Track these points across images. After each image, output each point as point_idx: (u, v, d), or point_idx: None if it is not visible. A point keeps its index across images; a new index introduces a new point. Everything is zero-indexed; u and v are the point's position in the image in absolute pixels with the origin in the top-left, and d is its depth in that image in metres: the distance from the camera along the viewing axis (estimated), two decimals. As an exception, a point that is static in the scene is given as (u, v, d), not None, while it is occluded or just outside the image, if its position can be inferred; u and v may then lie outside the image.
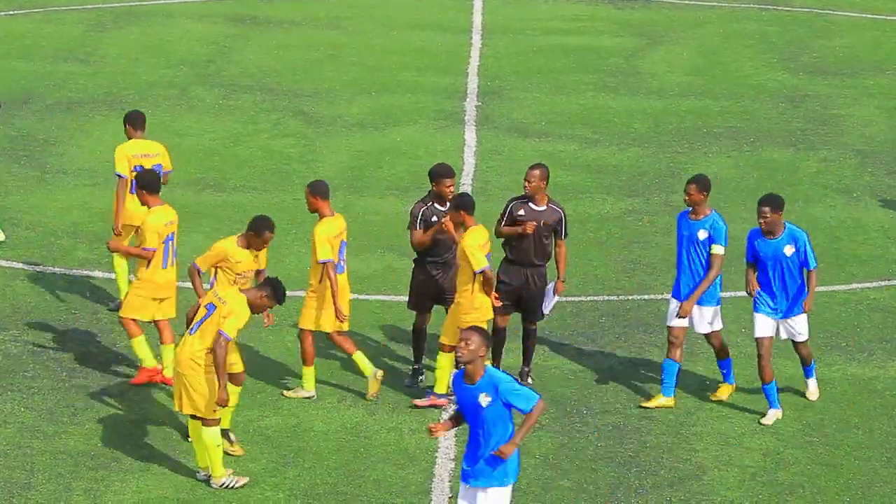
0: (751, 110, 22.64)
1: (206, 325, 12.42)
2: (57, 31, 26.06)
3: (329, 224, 14.02)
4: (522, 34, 26.36)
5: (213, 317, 12.43)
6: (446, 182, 14.11)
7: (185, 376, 12.49)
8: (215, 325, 12.39)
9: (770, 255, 13.71)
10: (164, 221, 14.10)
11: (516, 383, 10.83)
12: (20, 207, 18.62)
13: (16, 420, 13.68)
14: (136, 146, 15.91)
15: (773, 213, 13.62)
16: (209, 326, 12.42)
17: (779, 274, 13.72)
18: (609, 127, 21.86)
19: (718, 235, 13.90)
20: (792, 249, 13.66)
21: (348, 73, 23.99)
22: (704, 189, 13.93)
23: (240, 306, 12.47)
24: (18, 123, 21.53)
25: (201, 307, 12.57)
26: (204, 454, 12.60)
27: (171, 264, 14.10)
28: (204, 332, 12.44)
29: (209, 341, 12.40)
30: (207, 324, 12.42)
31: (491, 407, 10.70)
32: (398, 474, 12.98)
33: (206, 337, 12.44)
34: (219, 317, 12.40)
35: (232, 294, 12.56)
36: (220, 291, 12.63)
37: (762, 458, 13.34)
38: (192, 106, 22.38)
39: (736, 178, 20.07)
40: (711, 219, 13.92)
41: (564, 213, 14.24)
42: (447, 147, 20.92)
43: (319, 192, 14.02)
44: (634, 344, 15.37)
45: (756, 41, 26.17)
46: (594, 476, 13.04)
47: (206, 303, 12.56)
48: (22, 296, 16.19)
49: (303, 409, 13.96)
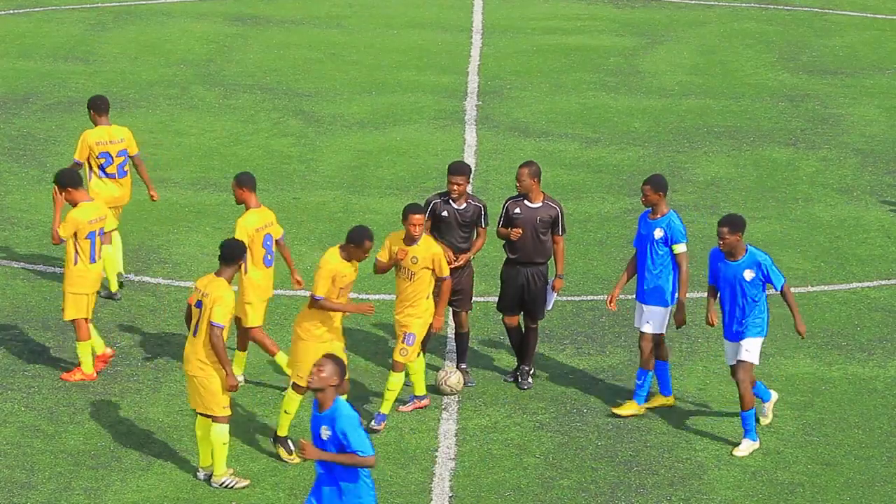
0: (751, 110, 22.64)
1: (202, 324, 12.46)
2: (57, 31, 26.06)
3: (252, 216, 13.96)
4: (523, 33, 26.36)
5: (203, 312, 12.43)
6: (452, 178, 14.08)
7: (196, 378, 12.54)
8: (206, 319, 12.41)
9: (729, 278, 13.25)
10: (90, 218, 14.14)
11: (357, 425, 10.23)
12: (20, 206, 18.61)
13: (16, 419, 13.69)
14: (100, 133, 15.99)
15: (731, 234, 13.10)
16: (203, 323, 12.46)
17: (736, 297, 13.25)
18: (609, 126, 21.86)
19: (676, 234, 13.72)
20: (752, 274, 13.17)
21: (348, 73, 23.99)
22: (660, 189, 13.76)
23: (221, 291, 12.44)
24: (19, 122, 21.53)
25: (193, 307, 12.58)
26: (207, 453, 12.60)
27: (99, 258, 14.18)
28: (201, 330, 12.48)
29: (205, 338, 12.48)
30: (202, 322, 12.46)
31: (330, 441, 10.31)
32: (398, 474, 12.98)
33: (204, 335, 12.49)
34: (207, 310, 12.41)
35: (213, 284, 12.51)
36: (202, 285, 12.58)
37: (762, 457, 13.35)
38: (193, 105, 22.38)
39: (736, 177, 20.07)
40: (668, 218, 13.76)
41: (561, 209, 14.24)
42: (447, 146, 20.92)
43: (246, 183, 13.97)
44: (634, 343, 15.36)
45: (756, 40, 26.17)
46: (594, 475, 13.04)
47: (194, 301, 12.57)
48: (22, 295, 16.19)
49: (303, 407, 13.96)
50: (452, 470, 13.05)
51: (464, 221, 14.14)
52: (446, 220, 14.11)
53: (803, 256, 17.58)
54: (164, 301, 16.11)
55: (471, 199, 14.21)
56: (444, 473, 13.00)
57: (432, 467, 13.09)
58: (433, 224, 14.14)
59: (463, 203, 14.13)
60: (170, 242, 17.64)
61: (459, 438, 13.54)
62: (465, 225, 14.15)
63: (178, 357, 14.84)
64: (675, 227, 13.71)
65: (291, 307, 16.00)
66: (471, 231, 14.23)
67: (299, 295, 16.26)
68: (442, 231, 14.14)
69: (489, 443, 13.50)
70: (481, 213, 14.20)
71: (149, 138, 21.08)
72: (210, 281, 12.59)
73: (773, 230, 18.35)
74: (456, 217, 14.12)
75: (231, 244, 12.71)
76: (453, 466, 13.10)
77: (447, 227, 14.13)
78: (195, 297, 12.58)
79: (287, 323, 15.60)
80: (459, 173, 14.11)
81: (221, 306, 12.39)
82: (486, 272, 16.80)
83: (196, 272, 16.78)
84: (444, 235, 14.14)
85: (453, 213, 14.12)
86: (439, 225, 14.13)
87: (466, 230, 14.18)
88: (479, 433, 13.64)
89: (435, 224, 14.14)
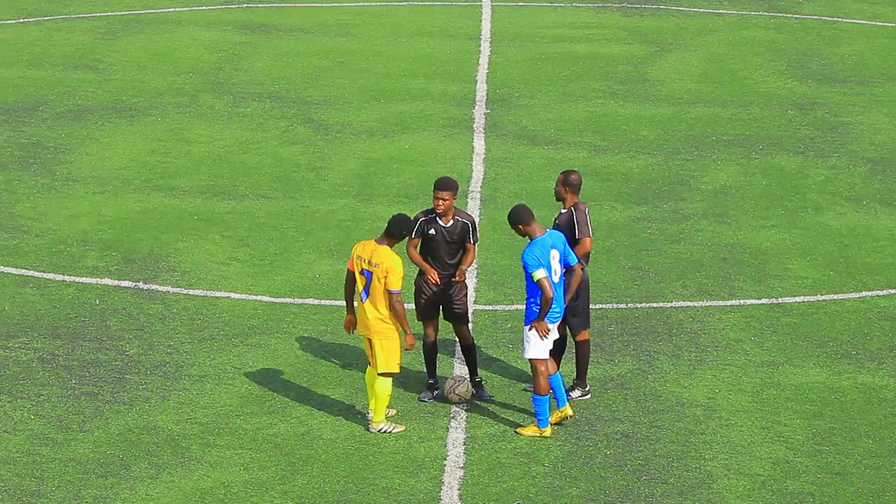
0: (760, 118, 22.63)
1: (373, 290, 13.35)
2: (67, 39, 26.11)
3: None
4: (531, 41, 26.36)
5: (373, 281, 13.32)
6: (437, 192, 13.87)
7: (380, 334, 13.41)
8: (381, 287, 13.30)
9: None
10: None
11: None
12: (30, 215, 18.64)
13: (25, 427, 13.70)
14: None
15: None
16: (376, 290, 13.33)
17: None
18: (618, 134, 21.85)
19: None
20: None
21: (357, 81, 24.01)
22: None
23: (391, 260, 13.34)
24: (28, 131, 21.56)
25: (357, 275, 13.41)
26: (374, 398, 13.60)
27: None
28: (374, 296, 13.35)
29: (384, 302, 13.33)
30: (372, 289, 13.34)
31: None
32: (407, 482, 12.97)
33: (378, 299, 13.34)
34: (379, 280, 13.28)
35: (378, 253, 13.35)
36: (365, 253, 13.36)
37: (772, 466, 13.32)
38: (202, 113, 22.41)
39: (745, 185, 20.06)
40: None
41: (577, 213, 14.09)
42: (456, 154, 20.92)
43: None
44: (643, 352, 15.35)
45: (765, 48, 26.16)
46: (603, 484, 13.02)
47: (358, 269, 13.42)
48: (31, 303, 16.21)
49: (311, 416, 13.96)
50: (461, 478, 13.04)
51: (451, 239, 13.98)
52: (434, 237, 13.97)
53: (812, 265, 17.56)
54: (173, 309, 16.12)
55: (458, 215, 14.03)
56: (453, 482, 12.99)
57: (441, 476, 13.08)
58: (421, 243, 14.05)
59: (450, 220, 14.00)
60: (179, 251, 17.66)
61: (468, 447, 13.53)
62: (452, 242, 14.01)
63: (188, 365, 14.87)
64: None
65: (300, 315, 16.01)
66: (459, 248, 14.06)
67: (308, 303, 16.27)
68: (430, 249, 14.01)
69: (498, 451, 13.49)
70: (469, 229, 14.03)
71: (158, 146, 21.12)
72: (373, 249, 13.40)
73: (783, 238, 18.33)
74: (444, 235, 13.97)
75: (398, 220, 13.44)
76: (462, 475, 13.09)
77: (435, 245, 13.99)
78: (358, 265, 13.41)
79: (295, 331, 15.61)
80: (445, 188, 13.88)
81: (394, 274, 13.31)
82: (495, 280, 16.80)
83: (205, 280, 16.80)
84: (432, 254, 14.02)
85: (440, 231, 13.97)
86: (427, 243, 14.01)
87: (455, 247, 14.03)
88: (488, 441, 13.63)
89: (423, 242, 14.03)
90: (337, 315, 15.98)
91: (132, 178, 19.89)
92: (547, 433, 13.66)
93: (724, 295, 16.68)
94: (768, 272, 17.31)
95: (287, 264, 17.30)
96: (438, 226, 13.97)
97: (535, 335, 13.49)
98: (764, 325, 15.94)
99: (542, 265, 13.35)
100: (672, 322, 16.00)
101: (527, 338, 13.55)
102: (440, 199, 13.89)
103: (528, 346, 13.56)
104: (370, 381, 13.72)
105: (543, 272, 13.33)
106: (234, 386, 14.48)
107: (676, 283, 16.98)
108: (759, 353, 15.33)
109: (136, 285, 16.62)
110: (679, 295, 16.69)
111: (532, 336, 13.51)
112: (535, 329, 13.46)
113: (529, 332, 13.52)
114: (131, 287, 16.57)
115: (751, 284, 17.00)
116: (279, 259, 17.49)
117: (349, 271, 13.59)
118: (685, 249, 17.96)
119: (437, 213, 13.95)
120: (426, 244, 14.03)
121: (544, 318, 13.43)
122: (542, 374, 13.55)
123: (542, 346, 13.56)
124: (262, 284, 16.74)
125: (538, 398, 13.59)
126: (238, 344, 15.33)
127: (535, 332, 13.47)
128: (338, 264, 17.19)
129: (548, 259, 13.45)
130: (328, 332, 15.60)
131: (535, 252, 13.38)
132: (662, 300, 16.55)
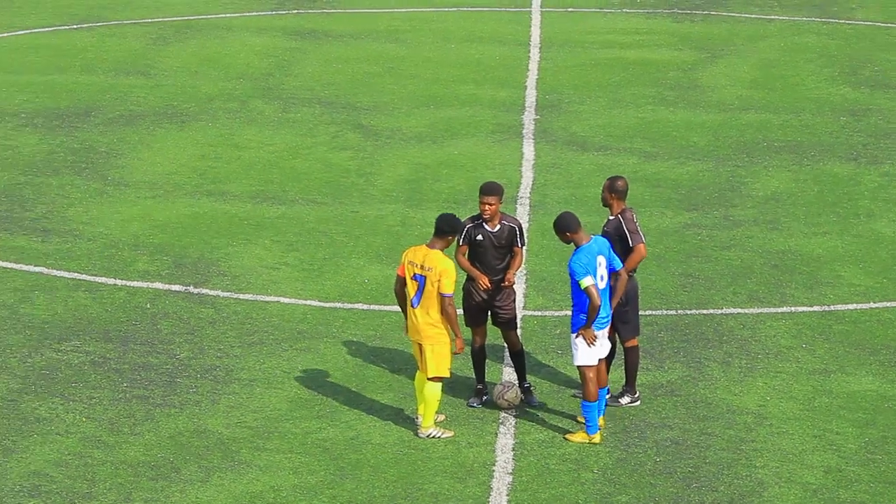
0: (812, 124, 22.49)
1: (426, 294, 13.37)
2: (119, 45, 26.29)
3: None
4: (581, 47, 26.32)
5: (427, 286, 13.32)
6: (483, 198, 13.87)
7: (431, 339, 13.41)
8: (433, 291, 13.31)
9: None
10: None
11: None
12: (82, 219, 18.78)
13: (77, 430, 13.79)
14: None
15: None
16: (429, 294, 13.35)
17: None
18: (668, 140, 21.77)
19: None
20: None
21: (406, 87, 24.04)
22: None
23: (444, 264, 13.37)
24: (81, 136, 21.72)
25: (409, 280, 13.40)
26: (423, 403, 13.61)
27: None
28: (427, 301, 13.36)
29: (436, 307, 13.34)
30: (426, 294, 13.36)
31: None
32: (455, 487, 12.96)
33: (430, 304, 13.35)
34: (433, 284, 13.29)
35: (431, 257, 13.38)
36: (417, 258, 13.40)
37: (823, 475, 13.22)
38: (252, 119, 22.50)
39: (796, 192, 19.94)
40: None
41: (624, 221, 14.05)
42: (505, 160, 20.91)
43: None
44: (693, 359, 15.28)
45: (817, 54, 26.00)
46: (653, 491, 12.96)
47: (410, 274, 13.42)
48: (83, 307, 16.32)
49: (360, 421, 13.98)
50: (510, 484, 13.02)
51: (499, 244, 13.98)
52: (482, 243, 13.96)
53: (865, 272, 17.43)
54: (224, 313, 16.19)
55: (504, 219, 14.02)
56: (502, 488, 12.97)
57: (490, 481, 13.06)
58: (469, 249, 14.06)
59: (496, 225, 14.00)
60: (229, 255, 17.73)
61: (517, 453, 13.50)
62: (500, 247, 14.00)
63: (238, 369, 14.93)
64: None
65: (349, 320, 16.04)
66: (507, 252, 14.05)
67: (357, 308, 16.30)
68: (478, 255, 14.00)
69: (547, 457, 13.46)
70: (516, 233, 14.02)
71: (208, 151, 21.23)
72: (426, 254, 13.41)
73: (835, 246, 18.21)
74: (491, 240, 13.97)
75: (446, 218, 13.46)
76: (510, 481, 13.07)
77: (483, 251, 13.98)
78: (410, 271, 13.40)
79: (344, 335, 15.64)
80: (491, 193, 13.88)
81: (447, 277, 13.33)
82: (544, 286, 16.78)
83: (255, 285, 16.86)
84: (481, 259, 14.00)
85: (488, 236, 13.96)
86: (475, 249, 14.00)
87: (502, 252, 14.02)
88: (537, 447, 13.60)
89: (471, 249, 14.02)
90: (386, 320, 16.00)
91: (183, 183, 20.00)
92: (596, 440, 13.61)
93: (775, 302, 16.58)
94: (820, 279, 17.19)
95: (336, 269, 17.34)
96: (485, 231, 13.97)
97: (582, 342, 13.47)
98: (816, 333, 15.83)
99: (589, 273, 13.33)
100: (722, 329, 15.92)
101: (574, 345, 13.53)
102: (486, 203, 13.89)
103: (576, 353, 13.54)
104: (419, 386, 13.72)
105: (590, 280, 13.30)
106: (284, 390, 14.52)
107: (727, 290, 16.89)
108: (811, 361, 15.22)
109: (187, 289, 16.70)
110: (730, 302, 16.60)
111: (580, 343, 13.48)
112: (583, 337, 13.43)
113: (577, 340, 13.49)
114: (182, 291, 16.66)
115: (802, 291, 16.89)
116: (328, 264, 17.53)
117: (399, 276, 13.60)
118: (736, 256, 17.86)
119: (483, 219, 13.94)
120: (474, 250, 14.02)
121: (591, 325, 13.40)
122: (590, 381, 13.51)
123: (591, 353, 13.53)
124: (312, 289, 16.78)
125: (587, 404, 13.55)
126: (287, 348, 15.37)
127: (583, 340, 13.44)
128: (387, 269, 17.21)
129: (594, 266, 13.42)
130: (377, 337, 15.62)
131: (582, 259, 13.36)
132: (713, 307, 16.47)
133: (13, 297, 16.48)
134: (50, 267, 17.29)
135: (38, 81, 24.05)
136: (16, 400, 14.26)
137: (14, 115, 22.47)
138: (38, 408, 14.13)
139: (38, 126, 22.03)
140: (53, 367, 14.92)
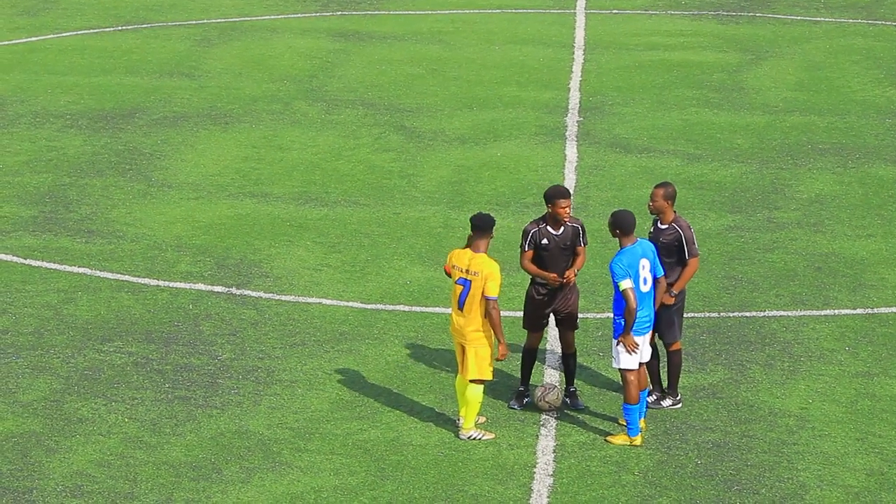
0: (857, 126, 22.34)
1: (470, 299, 13.32)
2: (163, 47, 26.43)
3: None
4: (625, 49, 26.25)
5: (472, 290, 13.29)
6: (561, 203, 13.93)
7: (474, 342, 13.36)
8: (479, 294, 13.28)
9: None
10: None
11: None
12: (125, 220, 18.88)
13: (119, 430, 13.87)
14: None
15: None
16: (474, 299, 13.30)
17: None
18: (712, 143, 21.68)
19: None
20: None
21: (449, 88, 24.05)
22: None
23: (491, 267, 13.35)
24: (125, 137, 21.85)
25: (453, 283, 13.37)
26: (465, 405, 13.58)
27: None
28: (471, 304, 13.32)
29: (480, 310, 13.30)
30: (470, 298, 13.32)
31: None
32: (496, 489, 12.95)
33: (474, 307, 13.31)
34: (478, 288, 13.25)
35: (477, 261, 13.35)
36: (462, 262, 13.35)
37: (866, 478, 13.13)
38: (296, 120, 22.57)
39: (841, 194, 19.81)
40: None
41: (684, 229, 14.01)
42: (548, 162, 20.88)
43: None
44: (735, 361, 15.21)
45: (863, 56, 25.83)
46: (694, 494, 12.91)
47: (456, 278, 13.39)
48: (126, 308, 16.41)
49: (401, 422, 14.00)
50: (550, 486, 13.00)
51: (564, 245, 14.02)
52: (548, 247, 14.01)
53: (910, 275, 17.31)
54: (266, 315, 16.24)
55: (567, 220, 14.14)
56: (542, 490, 12.95)
57: (530, 483, 13.04)
58: (535, 253, 14.08)
59: (560, 227, 14.06)
60: (271, 256, 17.79)
61: (558, 455, 13.48)
62: (565, 248, 14.04)
63: (279, 370, 14.98)
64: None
65: (391, 321, 16.06)
66: (571, 253, 14.10)
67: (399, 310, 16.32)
68: (544, 259, 14.03)
69: (587, 459, 13.43)
70: (579, 232, 14.09)
71: (252, 153, 21.30)
72: (471, 258, 13.38)
73: (879, 248, 18.08)
74: (556, 242, 14.01)
75: (480, 215, 13.44)
76: (551, 483, 13.05)
77: (549, 254, 14.02)
78: (455, 275, 13.39)
79: (386, 337, 15.66)
80: (567, 196, 13.95)
81: (493, 280, 13.32)
82: (585, 288, 16.74)
83: (297, 286, 16.91)
84: (547, 263, 14.05)
85: (553, 239, 14.00)
86: (541, 254, 14.03)
87: (568, 253, 14.07)
88: (578, 450, 13.58)
89: (536, 253, 14.05)
90: (427, 322, 16.01)
91: (226, 185, 20.08)
92: (637, 442, 13.58)
93: (818, 304, 16.48)
94: (864, 282, 17.08)
95: (378, 271, 17.36)
96: (550, 234, 14.00)
97: (622, 348, 13.44)
98: (859, 336, 15.73)
99: (629, 275, 13.30)
100: (765, 331, 15.84)
101: (615, 349, 13.50)
102: (565, 207, 13.92)
103: (617, 357, 13.52)
104: (460, 387, 13.72)
105: (629, 283, 13.27)
106: (325, 391, 14.56)
107: (770, 293, 16.81)
108: (854, 364, 15.12)
109: (229, 291, 16.77)
110: (772, 304, 16.52)
111: (620, 349, 13.46)
112: (623, 344, 13.41)
113: (618, 346, 13.47)
114: (224, 292, 16.72)
115: (846, 294, 16.78)
116: (370, 265, 17.56)
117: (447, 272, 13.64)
118: (779, 258, 17.77)
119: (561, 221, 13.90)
120: (539, 254, 14.04)
121: (630, 331, 13.37)
122: (631, 384, 13.48)
123: (632, 357, 13.50)
124: (354, 291, 16.82)
125: (628, 407, 13.52)
126: (329, 350, 15.41)
127: (623, 347, 13.42)
128: (429, 271, 17.23)
129: (636, 269, 13.39)
130: (419, 339, 15.63)
131: (624, 261, 13.33)
132: (755, 309, 16.39)
133: (57, 297, 16.60)
134: (93, 268, 17.40)
135: (83, 83, 24.21)
136: (59, 400, 14.36)
137: (59, 117, 22.63)
138: (80, 408, 14.22)
139: (82, 127, 22.18)
140: (96, 368, 15.01)
